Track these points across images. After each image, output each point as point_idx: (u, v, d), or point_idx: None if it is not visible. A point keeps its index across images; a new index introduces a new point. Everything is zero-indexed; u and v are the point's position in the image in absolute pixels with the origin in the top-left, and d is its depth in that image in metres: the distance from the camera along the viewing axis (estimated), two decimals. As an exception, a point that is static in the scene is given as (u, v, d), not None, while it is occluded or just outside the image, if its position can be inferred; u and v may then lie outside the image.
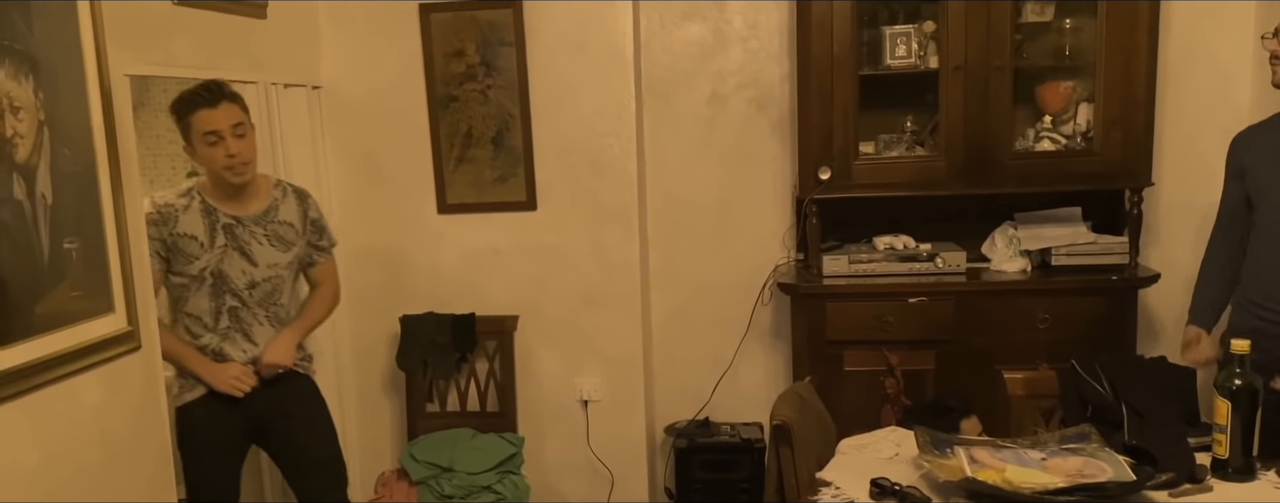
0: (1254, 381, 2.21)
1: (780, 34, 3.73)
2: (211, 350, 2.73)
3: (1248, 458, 2.24)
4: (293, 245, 2.79)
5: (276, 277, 2.77)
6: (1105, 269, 3.43)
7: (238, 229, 2.70)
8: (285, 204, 2.80)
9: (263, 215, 2.75)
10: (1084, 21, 3.38)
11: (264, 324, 2.78)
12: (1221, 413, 2.24)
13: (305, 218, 2.83)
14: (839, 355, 3.49)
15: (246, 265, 2.72)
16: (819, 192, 3.47)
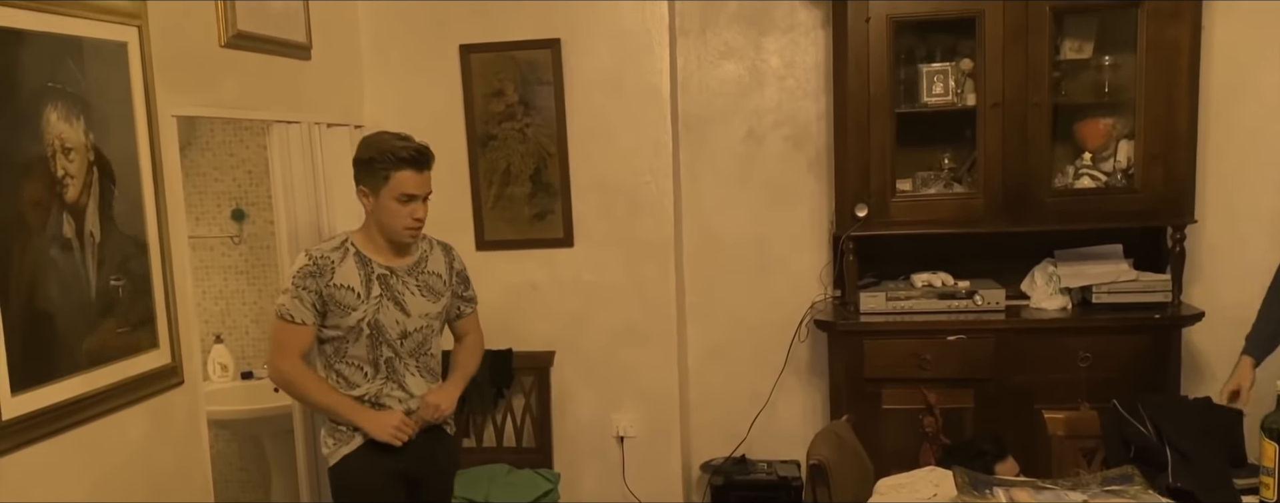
0: (1302, 422, 2.15)
1: (816, 72, 3.75)
2: (369, 400, 2.70)
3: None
4: (441, 296, 2.76)
5: (427, 327, 2.73)
6: (1147, 307, 3.38)
7: (391, 280, 2.67)
8: (433, 256, 2.78)
9: (414, 266, 2.72)
10: (1124, 58, 3.36)
11: (415, 375, 2.73)
12: (1268, 455, 2.18)
13: (452, 269, 2.81)
14: (877, 393, 3.46)
15: (400, 315, 2.67)
16: (856, 229, 3.46)
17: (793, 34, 3.75)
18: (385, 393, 2.70)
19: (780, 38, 3.77)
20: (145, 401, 2.49)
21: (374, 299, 2.64)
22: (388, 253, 2.68)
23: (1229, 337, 3.52)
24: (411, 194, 2.61)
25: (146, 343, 2.47)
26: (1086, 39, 3.40)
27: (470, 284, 2.90)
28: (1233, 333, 3.27)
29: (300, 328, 2.60)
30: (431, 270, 2.75)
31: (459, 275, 2.84)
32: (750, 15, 3.77)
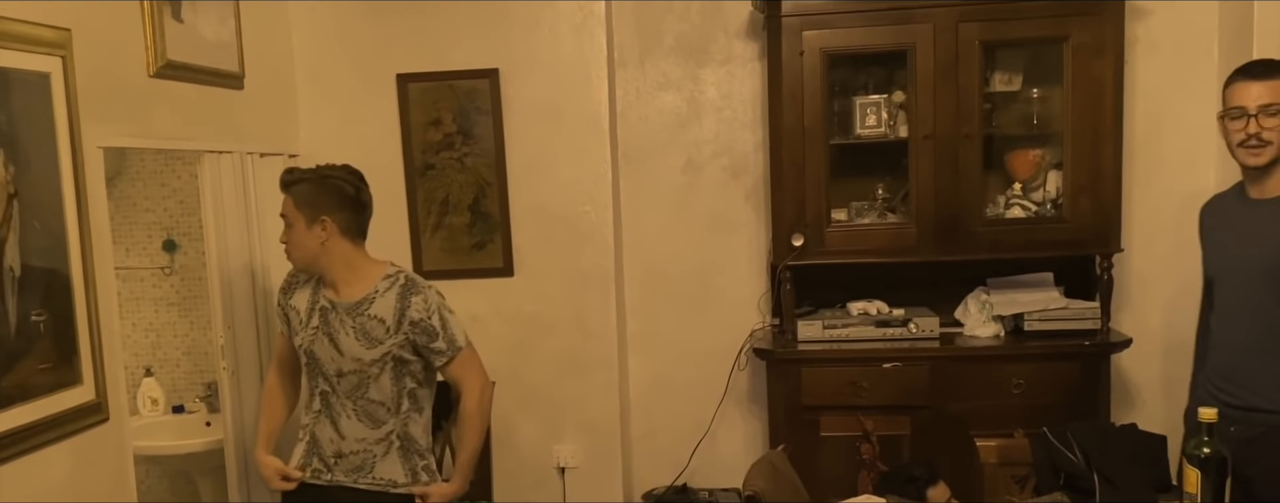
0: (1222, 449, 2.20)
1: (753, 104, 3.80)
2: (309, 432, 2.65)
3: (1220, 527, 2.23)
4: (379, 343, 2.54)
5: (362, 372, 2.56)
6: (1077, 334, 3.45)
7: (330, 314, 2.58)
8: (383, 299, 2.56)
9: (355, 305, 2.56)
10: (1051, 91, 3.45)
11: (352, 417, 2.60)
12: (1191, 481, 2.23)
13: (402, 317, 2.54)
14: (815, 421, 3.47)
15: (334, 353, 2.57)
16: (793, 258, 3.49)
17: (730, 66, 3.80)
18: (318, 428, 2.64)
19: (718, 69, 3.81)
20: (69, 438, 2.42)
21: (311, 329, 2.60)
22: (333, 287, 2.61)
23: (1157, 363, 3.62)
24: (282, 215, 2.60)
25: (69, 379, 2.41)
26: (1016, 72, 3.49)
27: (439, 334, 2.58)
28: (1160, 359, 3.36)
29: (282, 335, 2.71)
30: (374, 314, 2.55)
31: (415, 325, 2.55)
32: (688, 47, 3.81)
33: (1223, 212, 2.66)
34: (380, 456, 2.62)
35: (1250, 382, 2.50)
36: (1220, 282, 2.59)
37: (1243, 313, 2.53)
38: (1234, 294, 2.55)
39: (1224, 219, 2.64)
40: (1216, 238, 2.64)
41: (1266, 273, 2.46)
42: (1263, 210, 2.49)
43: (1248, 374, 2.51)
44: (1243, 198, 2.58)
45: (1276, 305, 2.47)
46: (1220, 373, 2.60)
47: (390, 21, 3.63)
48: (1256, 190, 2.52)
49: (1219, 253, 2.62)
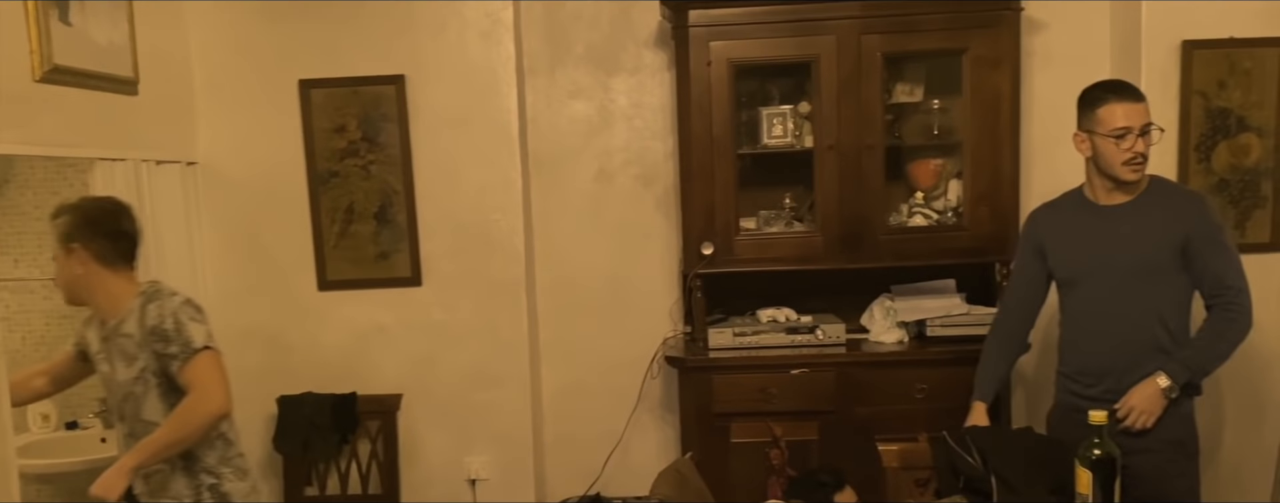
0: (1112, 450, 2.28)
1: (664, 113, 3.81)
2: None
3: (1110, 526, 2.30)
4: (135, 359, 2.53)
5: (130, 392, 2.56)
6: (979, 339, 3.48)
7: (107, 342, 2.59)
8: (131, 317, 2.53)
9: (114, 328, 2.56)
10: (952, 102, 3.53)
11: (129, 439, 2.59)
12: (1083, 482, 2.30)
13: (143, 326, 2.51)
14: (726, 427, 3.49)
15: (112, 379, 2.59)
16: (702, 266, 3.51)
17: (640, 75, 3.81)
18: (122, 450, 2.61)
19: (628, 79, 3.82)
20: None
21: (98, 355, 2.61)
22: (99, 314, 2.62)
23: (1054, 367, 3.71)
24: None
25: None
26: (917, 83, 3.56)
27: (174, 339, 2.48)
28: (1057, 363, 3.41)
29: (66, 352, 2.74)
30: (125, 332, 2.54)
31: (153, 332, 2.49)
32: (598, 56, 3.81)
33: (1069, 220, 2.81)
34: (170, 474, 2.59)
35: (1126, 373, 2.67)
36: (1085, 282, 2.75)
37: (1112, 310, 2.70)
38: (1102, 293, 2.71)
39: (1075, 226, 2.78)
40: (1070, 244, 2.78)
41: (1135, 270, 2.66)
42: (1117, 214, 2.70)
43: (1124, 366, 2.68)
44: (1087, 205, 2.77)
45: (1145, 299, 2.67)
46: (1090, 372, 2.75)
47: (292, 26, 3.56)
48: (1106, 198, 2.73)
49: (1079, 256, 2.76)
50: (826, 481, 3.10)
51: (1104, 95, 2.67)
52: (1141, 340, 2.68)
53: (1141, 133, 2.62)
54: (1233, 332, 2.65)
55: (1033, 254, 2.87)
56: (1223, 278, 2.64)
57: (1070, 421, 2.72)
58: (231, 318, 3.59)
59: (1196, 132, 3.37)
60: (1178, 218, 2.66)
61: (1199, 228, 2.65)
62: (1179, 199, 2.73)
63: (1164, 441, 2.65)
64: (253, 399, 3.60)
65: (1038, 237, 2.86)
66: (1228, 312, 2.64)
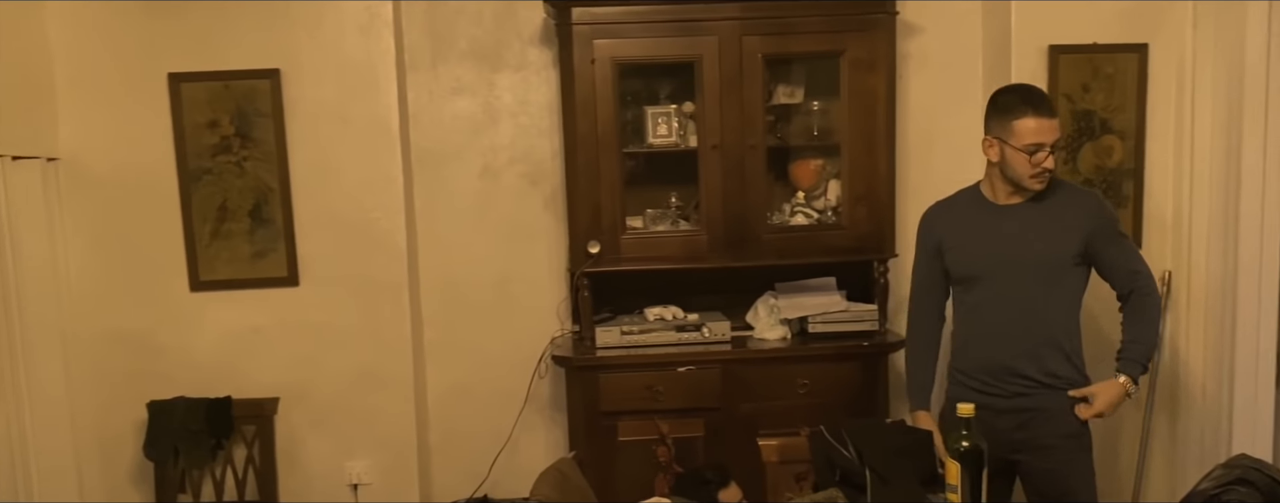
0: (979, 441, 2.34)
1: (549, 111, 3.79)
2: None
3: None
4: None
5: None
6: (857, 336, 3.60)
7: None
8: None
9: None
10: (831, 104, 3.59)
11: None
12: (952, 473, 2.36)
13: None
14: (614, 426, 3.50)
15: None
16: (589, 265, 3.51)
17: (524, 72, 3.78)
18: None
19: (512, 75, 3.78)
20: None
21: None
22: None
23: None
24: None
25: None
26: (797, 85, 3.62)
27: None
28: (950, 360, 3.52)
29: None
30: None
31: None
32: (482, 53, 3.76)
33: (966, 218, 2.84)
34: None
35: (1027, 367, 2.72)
36: (983, 280, 2.78)
37: (1010, 308, 2.74)
38: (1000, 291, 2.75)
39: (973, 224, 2.82)
40: (968, 242, 2.82)
41: (1033, 268, 2.71)
42: (1016, 213, 2.74)
43: (1024, 361, 2.73)
44: (985, 204, 2.80)
45: (1045, 296, 2.72)
46: (988, 370, 2.78)
47: (160, 18, 3.42)
48: (1005, 199, 2.77)
49: (977, 255, 2.79)
50: (712, 478, 3.13)
51: (1021, 107, 2.68)
52: (1038, 338, 2.73)
53: (1052, 149, 2.67)
54: (1156, 313, 2.77)
55: (932, 254, 2.89)
56: (1131, 267, 2.74)
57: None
58: (99, 320, 3.47)
59: (1063, 133, 3.49)
60: (1076, 216, 2.71)
61: (1098, 223, 2.72)
62: (1075, 197, 2.77)
63: (1061, 436, 2.72)
64: (122, 405, 3.49)
65: (935, 236, 2.88)
66: (1147, 297, 2.74)
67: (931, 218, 2.93)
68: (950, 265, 2.85)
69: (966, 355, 2.85)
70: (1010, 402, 2.74)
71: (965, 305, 2.85)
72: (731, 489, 3.10)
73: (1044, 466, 2.72)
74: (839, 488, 2.56)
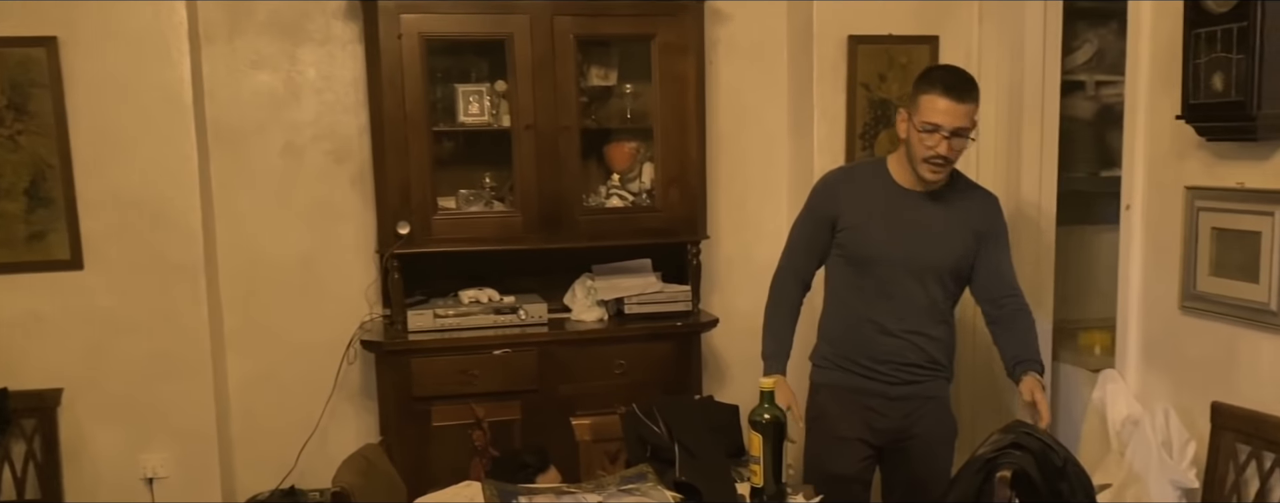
0: (779, 414, 2.41)
1: (356, 87, 3.67)
2: None
3: (779, 484, 2.43)
4: None
5: None
6: (672, 316, 3.67)
7: None
8: None
9: None
10: (643, 87, 3.63)
11: None
12: (755, 445, 2.43)
13: None
14: (427, 411, 3.44)
15: None
16: (399, 246, 3.43)
17: (329, 47, 3.65)
18: None
19: (316, 49, 3.64)
20: None
21: None
22: None
23: (742, 340, 3.91)
24: None
25: None
26: (611, 68, 3.64)
27: None
28: (745, 337, 3.63)
29: None
30: None
31: None
32: (282, 25, 3.61)
33: (871, 196, 2.69)
34: None
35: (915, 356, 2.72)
36: (883, 264, 2.67)
37: (906, 294, 2.68)
38: (899, 276, 2.66)
39: (878, 203, 2.68)
40: (872, 222, 2.67)
41: (931, 260, 2.66)
42: (921, 201, 2.65)
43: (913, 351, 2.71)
44: (890, 184, 2.68)
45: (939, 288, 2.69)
46: (874, 356, 2.72)
47: (-83, -22, 3.13)
48: (910, 183, 2.66)
49: (879, 237, 2.66)
50: (530, 461, 3.12)
51: (936, 85, 2.54)
52: (928, 327, 2.69)
53: (951, 135, 2.53)
54: (1034, 327, 2.74)
55: (822, 224, 2.72)
56: (1009, 277, 2.72)
57: (846, 400, 2.75)
58: None
59: (861, 121, 3.66)
60: (977, 215, 2.68)
61: (994, 227, 2.70)
62: (977, 196, 2.73)
63: (939, 424, 2.77)
64: (-125, 402, 3.17)
65: (835, 207, 2.70)
66: (1027, 315, 2.71)
67: (833, 186, 2.75)
68: (846, 243, 2.70)
69: (851, 340, 2.76)
70: (901, 390, 2.72)
71: (854, 287, 2.73)
72: (551, 474, 3.10)
73: (915, 455, 2.74)
74: (649, 463, 2.61)
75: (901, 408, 2.74)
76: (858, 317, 2.72)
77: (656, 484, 2.46)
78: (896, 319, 2.69)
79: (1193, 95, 2.60)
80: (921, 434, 2.75)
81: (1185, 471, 2.75)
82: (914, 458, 2.78)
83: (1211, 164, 2.70)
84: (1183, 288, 2.83)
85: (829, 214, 2.72)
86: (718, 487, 2.45)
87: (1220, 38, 2.48)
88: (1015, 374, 2.66)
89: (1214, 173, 2.69)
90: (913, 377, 2.74)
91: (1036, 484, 2.19)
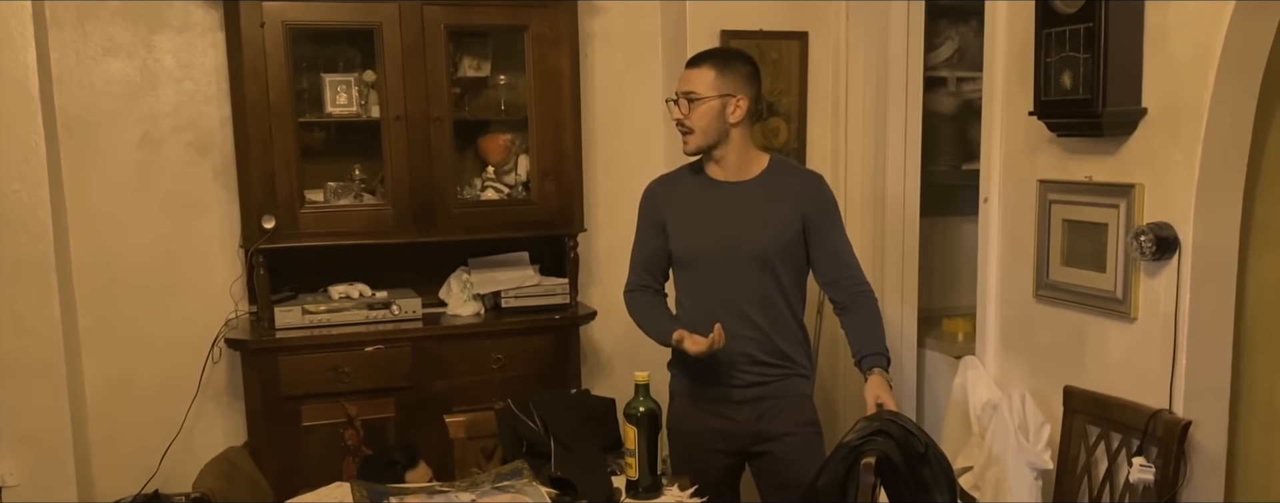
0: (654, 406, 2.44)
1: (218, 76, 3.53)
2: None
3: (654, 476, 2.46)
4: None
5: None
6: (550, 309, 3.65)
7: None
8: None
9: None
10: (518, 79, 3.59)
11: None
12: (630, 438, 2.45)
13: None
14: (297, 411, 3.35)
15: None
16: (265, 241, 3.32)
17: (188, 34, 3.50)
18: None
19: (175, 37, 3.49)
20: None
21: None
22: None
23: (619, 333, 3.95)
24: None
25: None
26: (484, 58, 3.60)
27: None
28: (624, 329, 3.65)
29: None
30: None
31: None
32: (137, 11, 3.45)
33: (689, 195, 2.68)
34: None
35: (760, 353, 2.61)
36: (708, 262, 2.62)
37: (739, 290, 2.61)
38: (728, 272, 2.61)
39: (696, 201, 2.66)
40: (691, 221, 2.65)
41: (755, 252, 2.58)
42: (737, 192, 2.61)
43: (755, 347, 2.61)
44: (706, 180, 2.65)
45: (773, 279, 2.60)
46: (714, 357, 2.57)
47: None
48: (718, 173, 2.64)
49: (699, 235, 2.63)
50: (399, 459, 3.07)
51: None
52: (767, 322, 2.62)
53: (682, 97, 2.56)
54: (878, 312, 2.68)
55: (654, 230, 2.70)
56: (845, 258, 2.65)
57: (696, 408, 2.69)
58: None
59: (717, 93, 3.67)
60: (797, 197, 2.60)
61: (817, 205, 2.61)
62: (796, 178, 2.66)
63: (799, 423, 2.65)
64: None
65: (658, 212, 2.69)
66: (868, 298, 2.65)
67: (654, 193, 2.74)
68: (673, 247, 2.68)
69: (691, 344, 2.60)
70: (747, 392, 2.64)
71: (690, 292, 2.70)
72: (420, 470, 3.05)
73: (786, 452, 2.64)
74: (525, 459, 2.60)
75: (751, 411, 2.64)
76: (696, 319, 2.60)
77: (531, 481, 2.45)
78: (734, 316, 2.58)
79: (1044, 92, 2.72)
80: (780, 436, 2.64)
81: (1040, 453, 2.89)
82: (779, 461, 2.66)
83: (1062, 159, 2.83)
84: (1037, 277, 2.96)
85: (656, 220, 2.70)
86: (593, 481, 2.46)
87: (1069, 37, 2.60)
88: (862, 368, 2.60)
89: (1065, 167, 2.82)
90: (760, 377, 2.63)
91: (899, 470, 2.26)
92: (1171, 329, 2.57)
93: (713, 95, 2.56)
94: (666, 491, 2.49)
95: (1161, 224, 2.55)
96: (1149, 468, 2.57)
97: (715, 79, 2.56)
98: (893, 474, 2.26)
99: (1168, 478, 2.55)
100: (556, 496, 2.38)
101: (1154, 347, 2.62)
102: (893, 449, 2.28)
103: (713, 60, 2.59)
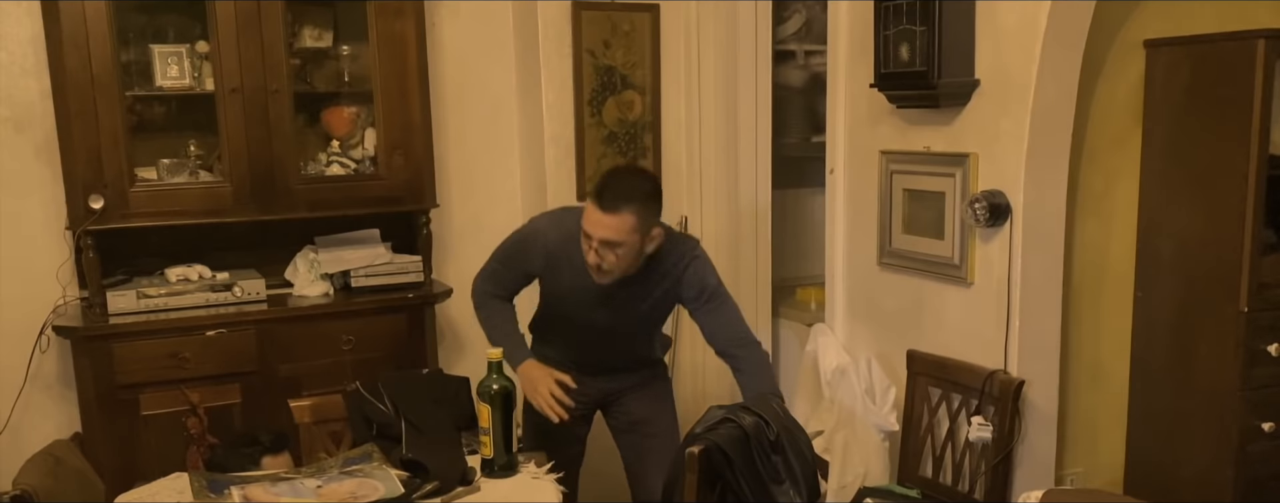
0: (508, 384, 2.42)
1: (35, 46, 3.27)
2: None
3: (510, 455, 2.45)
4: None
5: None
6: (403, 288, 3.56)
7: None
8: None
9: None
10: (361, 49, 3.47)
11: None
12: (484, 416, 2.42)
13: None
14: (135, 400, 3.19)
15: None
16: (93, 222, 3.13)
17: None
18: None
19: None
20: None
21: None
22: None
23: (474, 310, 3.88)
24: None
25: None
26: (325, 28, 3.45)
27: None
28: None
29: None
30: None
31: None
32: (-61, -25, 3.19)
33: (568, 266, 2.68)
34: None
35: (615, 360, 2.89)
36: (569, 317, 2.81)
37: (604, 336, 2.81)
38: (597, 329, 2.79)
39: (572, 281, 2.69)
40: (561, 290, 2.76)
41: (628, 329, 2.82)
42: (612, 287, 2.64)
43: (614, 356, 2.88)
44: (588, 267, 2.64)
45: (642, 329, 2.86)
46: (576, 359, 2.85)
47: None
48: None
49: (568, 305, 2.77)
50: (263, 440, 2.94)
51: (594, 196, 2.53)
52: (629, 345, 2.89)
53: (600, 245, 2.51)
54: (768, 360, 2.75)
55: (522, 273, 2.81)
56: (734, 330, 2.65)
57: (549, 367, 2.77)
58: None
59: (588, 87, 3.67)
60: (675, 290, 2.68)
61: (702, 293, 2.64)
62: (676, 270, 2.66)
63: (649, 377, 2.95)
64: None
65: (534, 265, 2.76)
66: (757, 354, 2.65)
67: (541, 247, 2.73)
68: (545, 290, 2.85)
69: (554, 345, 2.91)
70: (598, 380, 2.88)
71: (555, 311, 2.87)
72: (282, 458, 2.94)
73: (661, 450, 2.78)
74: (375, 443, 2.53)
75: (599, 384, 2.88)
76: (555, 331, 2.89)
77: (382, 464, 2.40)
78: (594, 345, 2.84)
79: (883, 65, 2.79)
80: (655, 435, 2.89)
81: (887, 415, 2.99)
82: (629, 404, 2.92)
83: (902, 129, 2.91)
84: (880, 245, 3.05)
85: (528, 270, 2.80)
86: (446, 461, 2.42)
87: (906, 10, 2.67)
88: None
89: (905, 138, 2.91)
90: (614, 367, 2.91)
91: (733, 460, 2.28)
92: (1005, 293, 2.68)
93: (635, 238, 2.53)
94: (522, 468, 2.48)
95: (995, 192, 2.66)
96: (986, 426, 2.70)
97: (636, 223, 2.51)
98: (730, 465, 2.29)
99: (1004, 435, 2.68)
100: (407, 478, 2.33)
101: (989, 310, 2.74)
102: (733, 439, 2.30)
103: (632, 205, 2.49)
